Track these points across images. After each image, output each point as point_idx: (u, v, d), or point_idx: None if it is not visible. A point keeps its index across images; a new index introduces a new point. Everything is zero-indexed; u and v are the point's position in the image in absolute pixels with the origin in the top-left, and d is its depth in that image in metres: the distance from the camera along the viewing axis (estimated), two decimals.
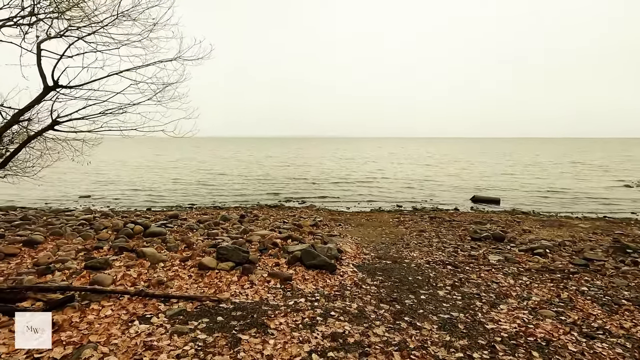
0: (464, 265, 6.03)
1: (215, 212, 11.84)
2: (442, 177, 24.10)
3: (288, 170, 28.55)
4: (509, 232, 9.14)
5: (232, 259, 5.27)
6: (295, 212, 12.03)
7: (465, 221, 10.65)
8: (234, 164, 35.08)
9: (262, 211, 12.26)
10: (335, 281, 4.99)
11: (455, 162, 39.01)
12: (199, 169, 30.01)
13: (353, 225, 10.00)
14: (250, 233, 7.26)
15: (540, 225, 10.22)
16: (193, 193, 17.24)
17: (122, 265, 5.09)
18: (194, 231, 7.75)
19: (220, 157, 47.78)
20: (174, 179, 22.71)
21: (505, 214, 12.23)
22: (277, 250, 6.11)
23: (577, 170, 29.26)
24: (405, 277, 5.31)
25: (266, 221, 9.69)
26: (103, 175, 24.60)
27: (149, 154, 52.52)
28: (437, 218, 11.05)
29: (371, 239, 8.24)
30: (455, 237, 8.58)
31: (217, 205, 13.81)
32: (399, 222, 10.53)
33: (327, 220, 10.54)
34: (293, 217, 10.77)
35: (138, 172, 27.13)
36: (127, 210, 13.00)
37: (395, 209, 13.23)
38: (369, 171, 28.05)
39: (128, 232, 6.84)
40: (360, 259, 6.35)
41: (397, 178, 23.59)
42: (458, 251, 7.15)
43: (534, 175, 25.46)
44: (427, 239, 8.28)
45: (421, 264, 6.10)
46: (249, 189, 18.45)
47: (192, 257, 5.63)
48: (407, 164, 35.76)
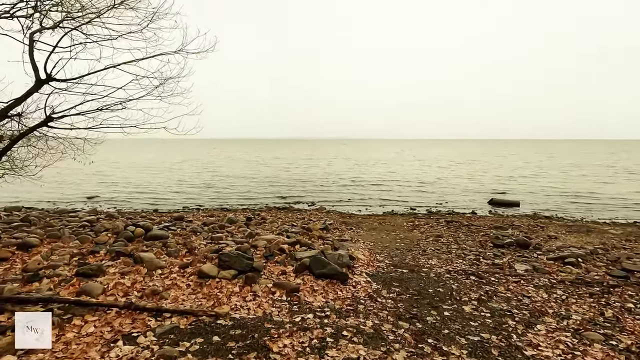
0: (489, 276, 5.47)
1: (222, 214, 11.48)
2: (455, 179, 23.35)
3: (296, 172, 28.16)
4: (533, 238, 8.50)
5: (235, 267, 4.84)
6: (305, 215, 11.58)
7: (485, 226, 10.03)
8: (241, 165, 34.88)
9: (270, 213, 11.85)
10: (347, 293, 4.51)
11: (466, 164, 38.06)
12: (206, 170, 29.85)
13: (365, 229, 9.50)
14: (256, 237, 6.83)
15: (566, 230, 9.53)
16: (200, 194, 16.97)
17: (117, 272, 4.71)
18: (197, 234, 7.36)
19: (226, 158, 47.72)
20: (181, 180, 22.53)
21: (527, 218, 11.54)
22: (284, 256, 5.66)
23: (598, 172, 28.08)
24: (424, 289, 4.80)
25: (274, 224, 9.27)
26: (110, 176, 24.61)
27: (156, 155, 52.90)
28: (454, 222, 10.45)
29: (385, 245, 7.73)
30: (475, 243, 8.00)
31: (225, 207, 13.46)
32: (414, 226, 9.97)
33: (338, 224, 10.06)
34: (302, 220, 10.32)
35: (145, 173, 27.11)
36: (133, 211, 12.76)
37: (408, 212, 12.66)
38: (380, 173, 27.43)
39: (128, 235, 6.49)
40: (374, 266, 5.85)
41: (409, 180, 22.94)
42: (480, 259, 6.58)
43: (552, 177, 24.49)
44: (445, 245, 7.72)
45: (441, 274, 5.57)
46: (256, 191, 18.09)
47: (193, 264, 5.23)
48: (419, 166, 35.00)
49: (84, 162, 7.40)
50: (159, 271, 4.85)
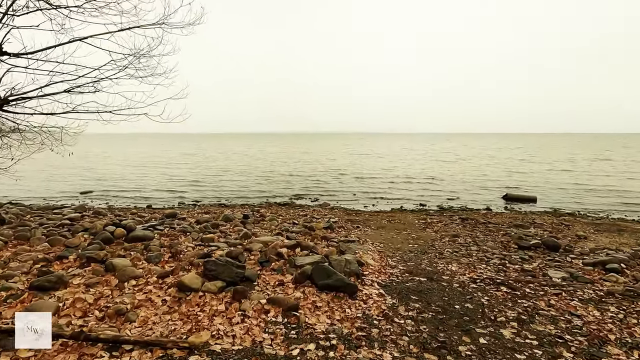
0: (522, 286, 4.65)
1: (219, 210, 10.72)
2: (464, 174, 22.43)
3: (298, 166, 27.32)
4: (561, 238, 7.65)
5: (222, 277, 4.06)
6: (307, 212, 10.79)
7: (504, 224, 9.18)
8: (240, 160, 34.11)
9: (271, 210, 11.07)
10: (356, 310, 3.72)
11: (472, 157, 37.03)
12: (204, 164, 29.10)
13: (373, 227, 8.69)
14: (252, 239, 6.05)
15: (594, 229, 8.66)
16: (197, 189, 16.22)
17: (81, 284, 3.95)
18: (187, 234, 6.59)
19: (225, 152, 46.94)
20: (178, 175, 21.81)
21: (548, 215, 10.67)
22: (282, 263, 4.87)
23: (613, 166, 26.99)
24: (449, 304, 3.99)
25: (273, 222, 8.48)
26: (105, 171, 23.99)
27: (154, 150, 52.35)
28: (469, 220, 9.60)
29: (396, 246, 6.92)
30: (496, 244, 7.16)
31: (222, 203, 12.70)
32: (426, 224, 9.15)
33: (343, 222, 9.26)
34: (304, 218, 9.53)
35: (141, 167, 26.44)
36: (125, 207, 12.04)
37: (419, 209, 11.82)
38: (385, 167, 26.53)
39: (106, 236, 5.72)
40: (387, 274, 5.05)
41: (416, 174, 22.06)
42: (506, 264, 5.75)
43: (565, 171, 23.48)
44: (463, 247, 6.90)
45: (465, 283, 4.76)
46: (257, 186, 17.31)
47: (175, 272, 4.45)
48: (424, 160, 34.05)
49: (62, 153, 6.68)
50: (132, 282, 4.08)
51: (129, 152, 45.53)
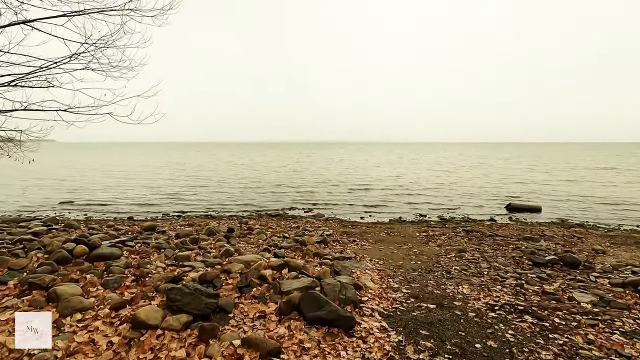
0: (549, 315, 3.93)
1: (204, 222, 9.92)
2: (464, 183, 21.84)
3: (291, 176, 26.57)
4: (576, 252, 6.98)
5: (189, 309, 3.30)
6: (299, 223, 10.03)
7: (512, 236, 8.49)
8: (231, 169, 33.30)
9: (260, 221, 10.30)
10: (354, 353, 2.97)
11: (471, 166, 36.62)
12: (192, 173, 28.22)
13: (371, 241, 7.95)
14: (233, 257, 5.28)
15: (610, 242, 8.01)
16: (185, 200, 15.38)
17: (11, 320, 3.16)
18: (160, 251, 5.81)
19: (214, 161, 46.05)
20: (167, 184, 20.94)
21: (557, 226, 10.00)
22: (266, 288, 4.10)
23: (616, 175, 26.63)
24: (468, 342, 3.25)
25: (261, 236, 7.71)
26: (91, 180, 23.07)
27: (139, 158, 51.44)
28: (474, 232, 8.91)
29: (397, 263, 6.18)
30: (508, 260, 6.46)
31: (210, 214, 11.89)
32: (428, 237, 8.43)
33: (338, 235, 8.51)
34: (296, 230, 8.78)
35: (129, 177, 25.55)
36: (104, 219, 11.19)
37: (419, 220, 11.11)
38: (381, 177, 25.88)
39: (62, 255, 4.92)
40: (389, 300, 4.31)
41: (414, 183, 21.42)
42: (524, 285, 5.04)
43: (568, 181, 23.01)
44: (472, 264, 6.18)
45: (482, 311, 4.03)
46: (247, 196, 16.50)
47: (135, 301, 3.68)
48: (422, 169, 33.52)
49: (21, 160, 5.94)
50: (77, 316, 3.30)
51: (114, 160, 44.51)
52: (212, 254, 5.60)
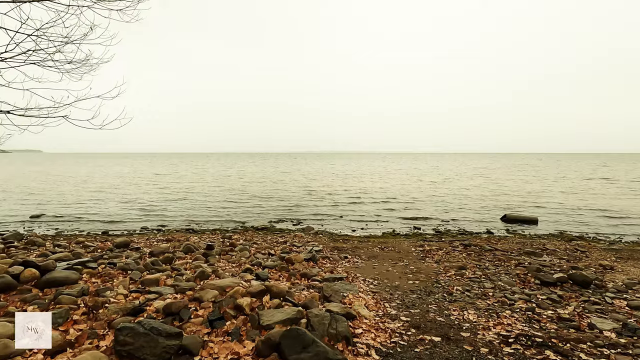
0: (573, 348, 3.39)
1: (184, 237, 9.21)
2: (456, 194, 21.52)
3: (279, 186, 25.86)
4: (583, 268, 6.50)
5: (142, 355, 2.66)
6: (287, 237, 9.39)
7: (512, 251, 8.01)
8: (218, 181, 32.49)
9: (245, 236, 9.63)
10: None
11: (464, 177, 36.54)
12: (178, 185, 27.30)
13: (364, 257, 7.36)
14: (209, 281, 4.63)
15: (616, 257, 7.58)
16: (167, 212, 14.59)
17: None
18: (127, 274, 5.12)
19: (200, 172, 45.07)
20: (149, 196, 20.09)
21: (557, 240, 9.58)
22: (242, 320, 3.47)
23: (609, 185, 26.71)
24: None
25: (244, 253, 7.05)
26: (71, 191, 22.07)
27: (120, 170, 50.25)
28: (472, 246, 8.41)
29: (394, 283, 5.60)
30: (512, 278, 5.94)
31: (191, 228, 11.16)
32: (424, 252, 7.89)
33: (329, 250, 7.91)
34: (283, 246, 8.14)
35: (110, 188, 24.58)
36: (77, 234, 10.38)
37: (413, 233, 10.58)
38: (373, 188, 25.39)
39: (6, 281, 4.20)
40: (386, 331, 3.71)
41: (406, 195, 20.99)
42: (535, 308, 4.51)
43: (558, 193, 22.91)
44: (475, 283, 5.64)
45: (494, 344, 3.46)
46: (233, 208, 15.79)
47: (79, 341, 3.02)
48: (413, 180, 33.24)
49: None
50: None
51: (95, 172, 43.23)
52: (186, 277, 4.93)
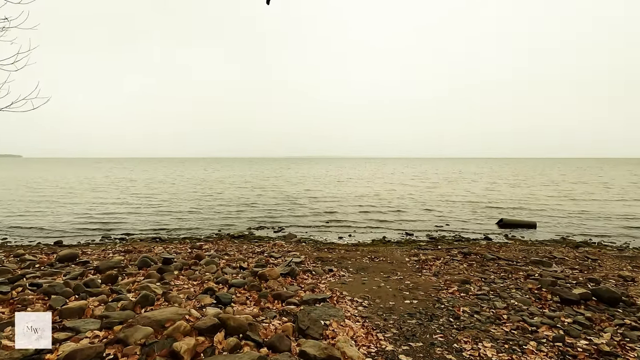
0: None
1: (147, 247, 8.04)
2: (447, 198, 20.82)
3: (261, 192, 24.63)
4: (601, 280, 5.67)
5: None
6: (265, 247, 8.32)
7: (517, 259, 7.16)
8: (198, 185, 31.09)
9: (219, 245, 8.52)
10: None
11: (454, 181, 36.08)
12: (153, 189, 25.88)
13: (351, 269, 6.37)
14: (144, 313, 3.56)
15: (631, 266, 6.81)
16: (137, 219, 13.32)
17: None
18: (48, 299, 3.98)
19: (178, 176, 43.46)
20: (122, 201, 18.70)
21: (562, 245, 8.80)
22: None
23: (600, 189, 26.51)
24: None
25: (210, 267, 5.95)
26: (36, 196, 20.46)
27: (90, 173, 48.23)
28: (473, 255, 7.52)
29: (387, 304, 4.62)
30: (525, 294, 5.04)
31: (159, 237, 9.96)
32: (420, 262, 6.95)
33: (311, 261, 6.90)
34: (259, 257, 7.08)
35: (75, 193, 23.02)
36: (27, 244, 9.07)
37: (406, 240, 9.64)
38: (361, 193, 24.47)
39: None
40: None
41: (396, 199, 20.16)
42: (564, 337, 3.59)
43: (552, 194, 22.47)
44: (484, 302, 4.71)
45: None
46: (211, 214, 14.60)
47: None
48: (401, 185, 32.54)
49: None
50: None
51: (67, 175, 41.17)
52: (122, 303, 3.83)
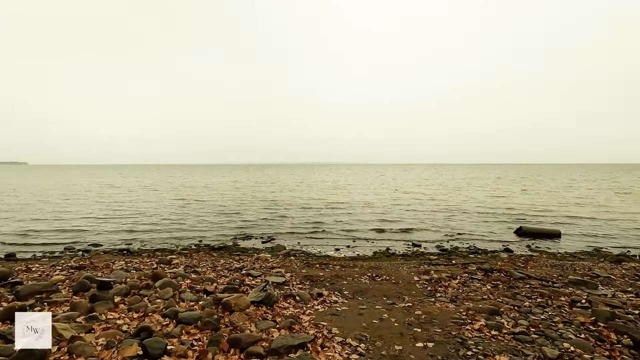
0: None
1: (106, 262, 6.77)
2: (454, 205, 19.43)
3: (255, 197, 23.30)
4: None
5: None
6: (246, 261, 7.03)
7: (551, 278, 5.81)
8: (191, 192, 29.88)
9: (192, 258, 7.24)
10: None
11: (459, 188, 34.64)
12: (139, 196, 24.61)
13: (347, 293, 5.07)
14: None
15: None
16: (114, 228, 12.07)
17: None
18: None
19: (165, 182, 42.24)
20: (103, 210, 17.50)
21: (598, 259, 7.42)
22: None
23: (614, 195, 25.03)
24: None
25: (166, 291, 4.64)
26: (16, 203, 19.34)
27: (84, 180, 47.23)
28: (496, 272, 6.19)
29: (392, 348, 3.31)
30: (580, 332, 3.71)
31: (127, 249, 8.64)
32: (432, 282, 5.62)
33: (298, 280, 5.60)
34: (234, 275, 5.78)
35: (54, 201, 21.89)
36: None
37: (413, 252, 8.31)
38: (361, 199, 23.00)
39: None
40: None
41: (396, 206, 18.79)
42: None
43: (565, 200, 21.04)
44: (526, 344, 3.39)
45: None
46: (196, 221, 13.32)
47: None
48: (403, 190, 31.15)
49: None
50: None
51: (59, 183, 40.16)
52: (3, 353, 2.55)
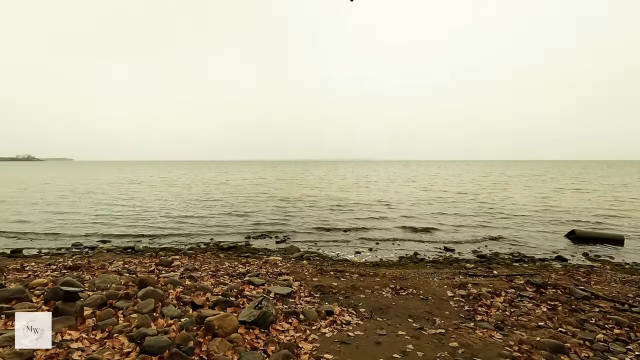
0: None
1: (100, 262, 6.24)
2: (490, 203, 17.82)
3: (276, 194, 22.41)
4: None
5: None
6: (253, 265, 6.26)
7: (626, 298, 4.58)
8: (207, 188, 29.66)
9: (196, 260, 6.58)
10: None
11: (492, 185, 32.36)
12: (161, 192, 24.57)
13: (364, 310, 4.14)
14: None
15: None
16: (126, 224, 11.77)
17: None
18: None
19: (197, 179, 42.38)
20: (122, 205, 17.46)
21: None
22: None
23: None
24: None
25: (146, 302, 3.92)
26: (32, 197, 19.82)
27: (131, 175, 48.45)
28: (550, 287, 5.02)
29: None
30: None
31: (132, 247, 8.13)
32: (470, 300, 4.57)
33: (307, 291, 4.75)
34: (236, 282, 5.01)
35: (87, 193, 22.24)
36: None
37: (445, 257, 7.21)
38: (387, 198, 21.49)
39: None
40: None
41: (424, 204, 17.41)
42: None
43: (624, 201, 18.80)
44: None
45: None
46: (211, 219, 12.77)
47: None
48: (430, 188, 29.41)
49: None
50: None
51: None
52: None
